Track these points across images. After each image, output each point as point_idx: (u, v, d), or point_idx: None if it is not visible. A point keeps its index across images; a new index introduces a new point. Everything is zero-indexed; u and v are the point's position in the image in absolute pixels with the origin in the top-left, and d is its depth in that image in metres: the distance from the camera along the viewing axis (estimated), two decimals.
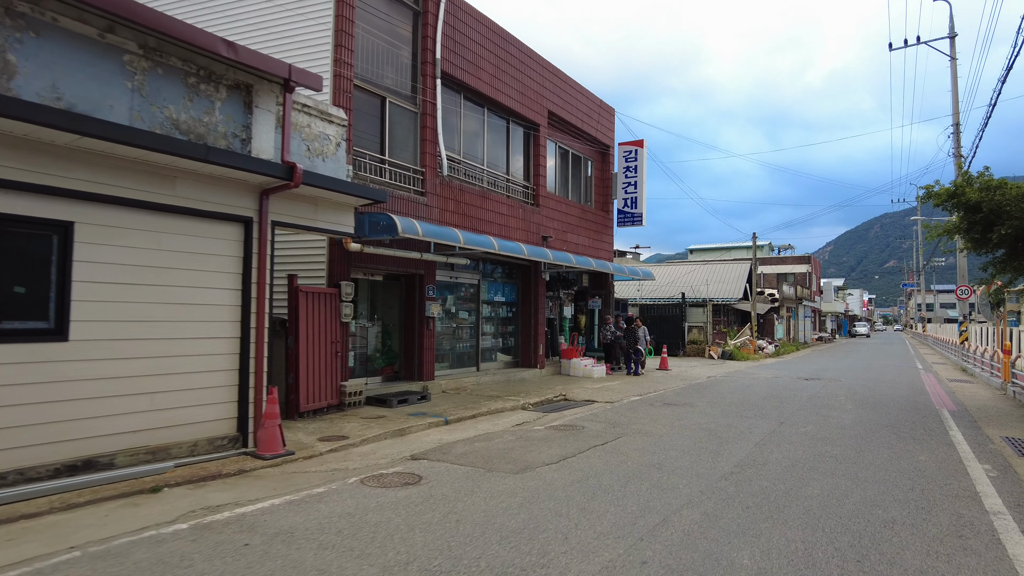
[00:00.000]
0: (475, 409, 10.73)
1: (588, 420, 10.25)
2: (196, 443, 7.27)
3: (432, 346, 12.53)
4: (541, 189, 16.28)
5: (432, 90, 12.56)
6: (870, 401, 13.08)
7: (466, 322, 14.46)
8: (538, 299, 16.18)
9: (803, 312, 50.25)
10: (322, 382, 9.95)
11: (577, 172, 18.92)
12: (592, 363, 16.86)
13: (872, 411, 11.60)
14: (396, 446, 8.23)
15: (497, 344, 15.66)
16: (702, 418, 10.49)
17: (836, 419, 10.55)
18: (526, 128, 16.21)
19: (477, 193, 13.93)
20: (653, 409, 11.53)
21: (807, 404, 12.41)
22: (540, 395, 12.70)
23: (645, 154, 19.57)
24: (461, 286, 14.36)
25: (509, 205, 15.04)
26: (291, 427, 8.97)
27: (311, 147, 8.89)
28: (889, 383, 17.14)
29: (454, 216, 13.08)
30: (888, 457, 7.68)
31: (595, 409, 11.55)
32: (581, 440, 8.56)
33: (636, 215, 19.63)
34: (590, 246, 18.64)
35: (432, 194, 12.54)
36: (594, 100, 19.01)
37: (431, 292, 12.50)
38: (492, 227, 14.26)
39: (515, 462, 7.24)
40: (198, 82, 7.40)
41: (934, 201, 11.75)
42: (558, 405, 12.14)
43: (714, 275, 38.14)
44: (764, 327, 40.08)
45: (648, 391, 14.27)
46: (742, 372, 20.30)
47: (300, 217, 8.54)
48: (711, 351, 26.66)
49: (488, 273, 15.33)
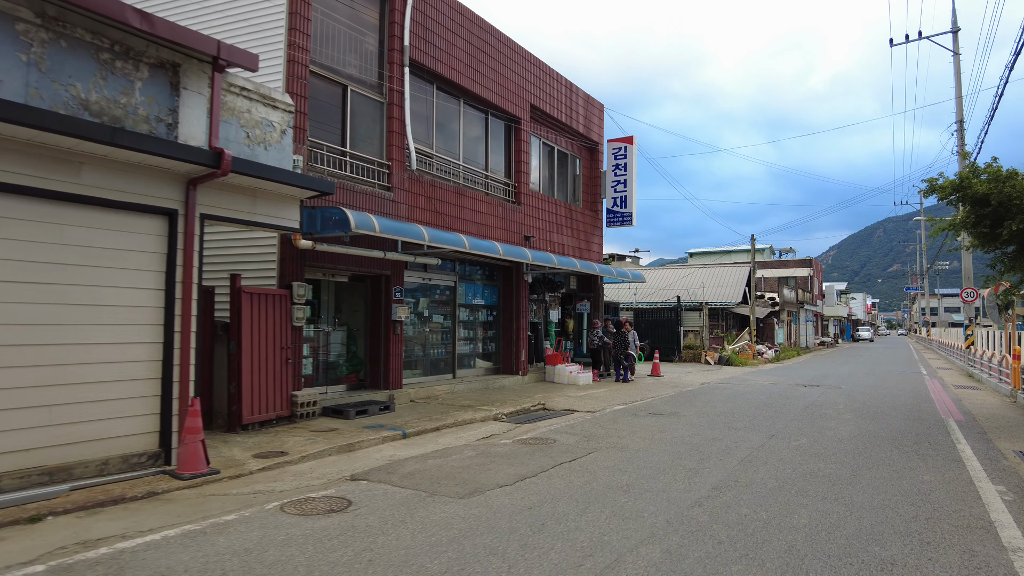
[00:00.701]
0: (441, 421, 9.89)
1: (562, 432, 9.41)
2: (107, 461, 6.45)
3: (399, 352, 11.70)
4: (523, 187, 15.47)
5: (400, 79, 11.78)
6: (871, 410, 12.20)
7: (441, 326, 13.63)
8: (520, 302, 15.35)
9: (804, 316, 49.31)
10: (270, 392, 9.13)
11: (563, 170, 18.11)
12: (578, 369, 16.01)
13: (872, 421, 10.72)
14: (339, 464, 7.40)
15: (476, 350, 14.82)
16: (686, 430, 9.63)
17: (832, 431, 9.68)
18: (507, 122, 15.42)
19: (451, 189, 13.12)
20: (636, 420, 10.68)
21: (802, 414, 11.54)
22: (517, 404, 11.86)
23: (635, 151, 18.76)
24: (435, 288, 13.54)
25: (488, 203, 14.23)
26: (229, 441, 8.15)
27: (252, 134, 8.09)
28: (891, 390, 16.25)
29: (424, 213, 12.27)
30: (888, 477, 6.81)
31: (573, 420, 10.70)
32: (548, 456, 7.71)
33: (626, 215, 18.80)
34: (577, 247, 17.82)
35: (399, 189, 11.74)
36: (581, 95, 18.22)
37: (398, 294, 11.68)
38: (468, 226, 13.44)
39: (465, 484, 6.40)
40: (112, 58, 6.61)
41: (938, 195, 10.90)
42: (534, 415, 11.29)
43: (712, 279, 37.27)
44: (764, 331, 39.16)
45: (634, 399, 13.42)
46: (738, 379, 19.42)
47: (235, 210, 7.73)
48: (707, 356, 25.78)
49: (466, 275, 14.51)
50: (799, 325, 46.83)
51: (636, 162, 18.79)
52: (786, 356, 33.94)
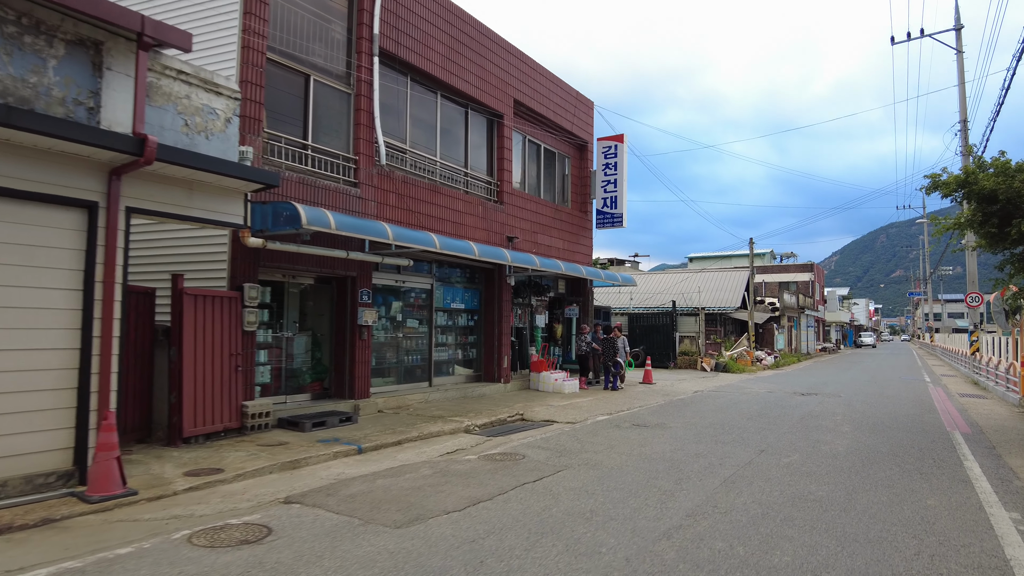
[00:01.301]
0: (405, 434, 9.16)
1: (535, 447, 8.68)
2: (5, 483, 5.74)
3: (366, 359, 10.98)
4: (506, 185, 14.77)
5: (368, 69, 11.10)
6: (870, 421, 11.43)
7: (416, 331, 12.91)
8: (502, 306, 14.63)
9: (806, 322, 48.49)
10: (217, 402, 8.41)
11: (551, 169, 17.42)
12: (564, 377, 15.27)
13: (872, 434, 9.97)
14: (277, 483, 6.67)
15: (455, 356, 14.09)
16: (669, 444, 8.89)
17: (828, 445, 8.93)
18: (489, 117, 14.75)
19: (426, 187, 12.43)
20: (618, 432, 9.94)
21: (797, 425, 10.78)
22: (493, 415, 11.13)
23: (626, 150, 18.07)
24: (410, 291, 12.83)
25: (467, 202, 13.54)
26: (164, 457, 7.43)
27: (191, 122, 7.42)
28: (893, 399, 15.48)
29: (395, 211, 11.58)
30: (888, 501, 6.06)
31: (550, 432, 9.97)
32: (511, 475, 6.98)
33: (616, 216, 18.09)
34: (565, 249, 17.10)
35: (367, 185, 11.04)
36: (569, 91, 17.55)
37: (365, 297, 10.97)
38: (445, 225, 12.75)
39: (408, 509, 5.67)
40: (20, 33, 5.95)
41: (942, 191, 10.16)
42: (510, 427, 10.56)
43: (709, 283, 36.53)
44: (763, 337, 38.36)
45: (620, 409, 12.67)
46: (733, 386, 18.66)
47: (169, 203, 7.04)
48: (703, 363, 25.00)
49: (444, 277, 13.80)
50: (800, 331, 46.00)
51: (627, 161, 18.11)
52: (786, 362, 33.13)
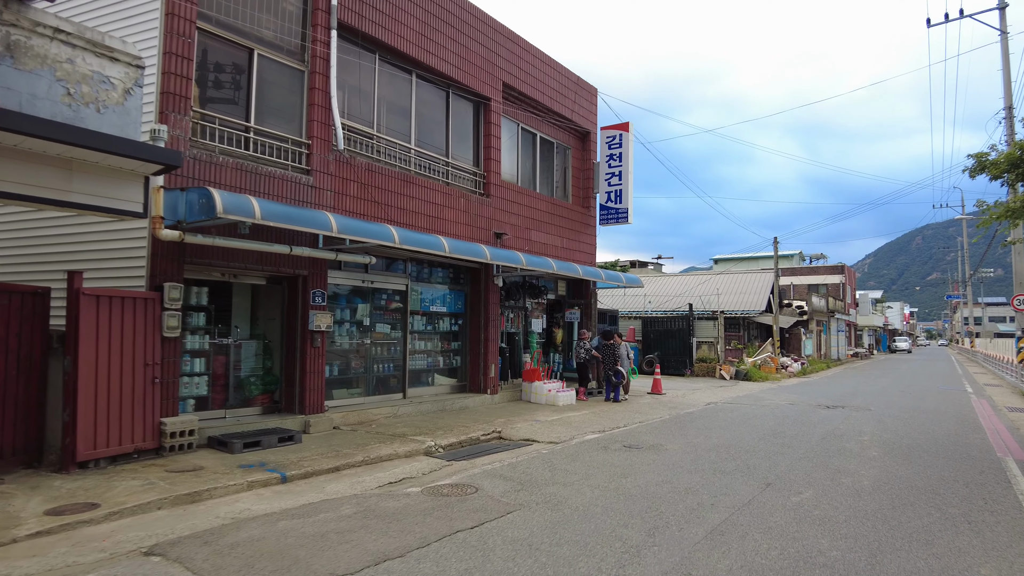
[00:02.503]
0: (349, 457, 7.89)
1: (496, 476, 7.33)
2: None
3: (319, 369, 9.75)
4: (493, 176, 13.46)
5: (325, 44, 9.90)
6: (904, 443, 9.82)
7: (388, 338, 11.65)
8: (488, 309, 13.30)
9: (836, 326, 46.18)
10: (126, 419, 7.24)
11: (548, 160, 16.06)
12: (559, 387, 13.87)
13: (905, 462, 8.39)
14: (158, 523, 5.44)
15: (435, 364, 12.80)
16: (658, 474, 7.46)
17: (851, 477, 7.40)
18: (474, 102, 13.46)
19: (397, 176, 11.18)
20: (603, 456, 8.54)
21: (816, 448, 9.24)
22: (466, 432, 9.80)
23: (631, 139, 16.62)
24: (380, 292, 11.58)
25: (447, 193, 12.26)
26: (42, 487, 6.26)
27: (76, 91, 6.26)
28: (931, 413, 13.74)
29: (357, 202, 10.35)
30: (926, 569, 4.57)
31: (524, 455, 8.61)
32: (448, 518, 5.65)
33: (621, 211, 16.64)
34: (563, 247, 15.72)
35: (322, 173, 9.83)
36: (569, 76, 16.17)
37: (319, 299, 9.74)
38: (418, 219, 11.48)
39: (286, 571, 4.38)
40: None
41: (990, 173, 8.57)
42: (481, 447, 9.23)
43: (730, 286, 34.70)
44: (790, 342, 36.36)
45: (616, 425, 11.24)
46: (752, 397, 17.04)
47: (37, 186, 5.88)
48: (722, 371, 23.32)
49: (422, 277, 12.52)
50: (830, 335, 43.77)
51: (633, 152, 16.64)
52: (814, 369, 31.16)
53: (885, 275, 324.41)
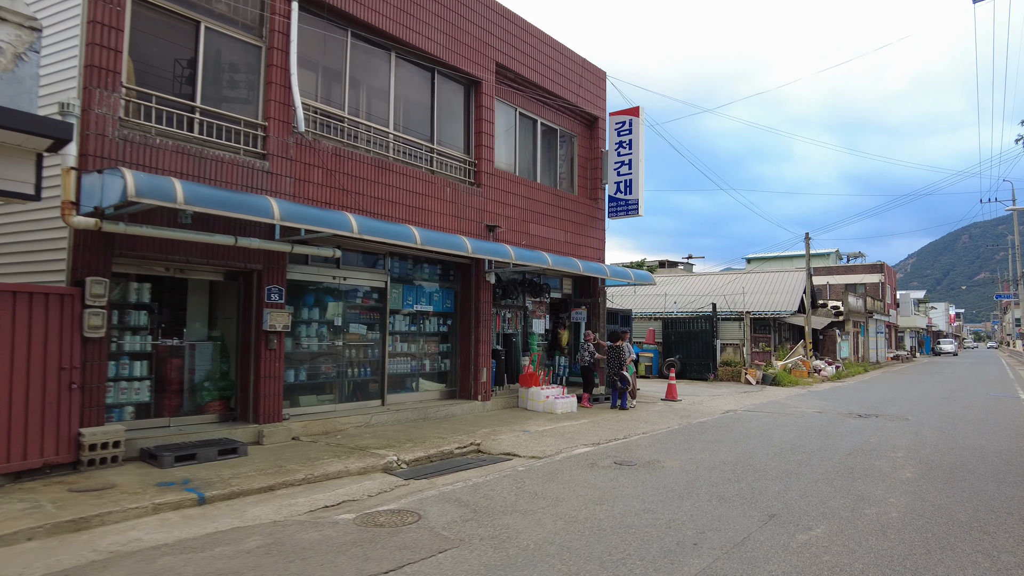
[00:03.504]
0: (291, 474, 6.93)
1: (451, 500, 6.29)
2: None
3: (277, 373, 8.83)
4: (485, 164, 12.42)
5: (285, 17, 9.01)
6: (945, 462, 8.45)
7: (364, 339, 10.70)
8: (480, 308, 12.25)
9: (875, 327, 43.87)
10: (33, 430, 6.41)
11: (550, 149, 14.95)
12: (559, 393, 12.74)
13: (945, 486, 7.06)
14: (14, 561, 4.54)
15: (420, 368, 11.80)
16: (643, 500, 6.31)
17: (876, 507, 6.14)
18: (464, 84, 12.45)
19: (370, 162, 10.22)
20: (586, 475, 7.42)
21: (839, 468, 7.95)
22: (440, 445, 8.78)
23: (642, 125, 15.41)
24: (354, 290, 10.63)
25: (430, 182, 11.26)
26: None
27: None
28: (978, 424, 12.21)
29: (322, 190, 9.42)
30: None
31: (496, 473, 7.54)
32: (365, 557, 4.62)
33: (631, 203, 15.43)
34: (568, 242, 14.59)
35: (280, 157, 8.93)
36: (573, 58, 15.05)
37: (275, 296, 8.83)
38: (397, 209, 10.51)
39: None
40: None
41: None
42: (453, 463, 8.19)
43: (761, 285, 32.98)
44: (824, 344, 34.48)
45: (615, 436, 10.08)
46: (777, 404, 15.64)
47: None
48: (748, 375, 21.84)
49: (405, 274, 11.54)
50: (867, 337, 41.55)
51: (644, 139, 15.43)
52: (849, 373, 29.32)
53: (929, 275, 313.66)
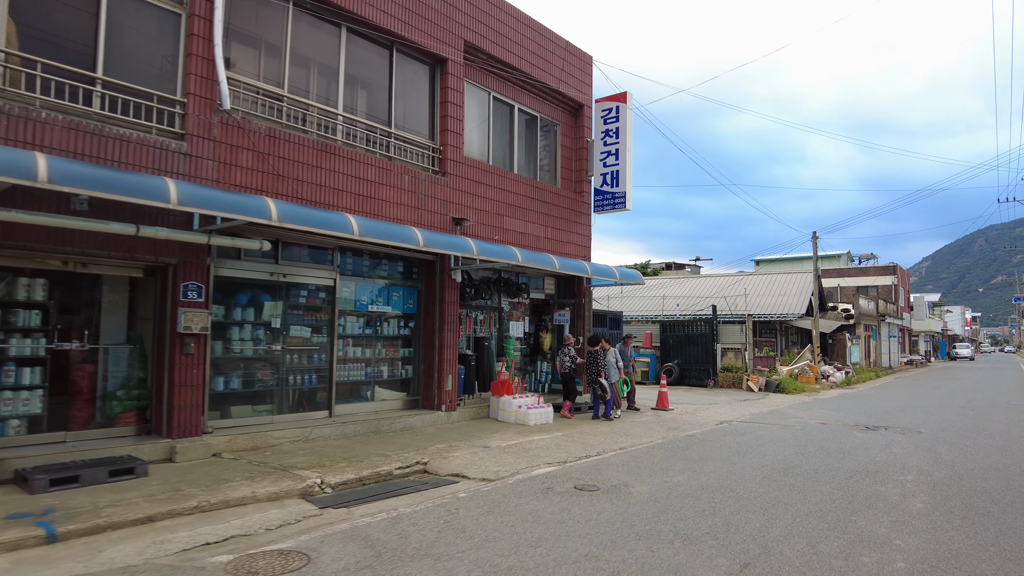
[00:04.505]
0: (183, 501, 5.87)
1: (361, 536, 5.20)
2: None
3: (194, 381, 7.78)
4: (451, 151, 11.34)
5: None
6: (964, 487, 7.25)
7: (308, 343, 9.64)
8: (443, 309, 11.16)
9: (887, 331, 42.36)
10: None
11: (529, 137, 13.86)
12: (534, 402, 11.62)
13: (965, 520, 5.88)
14: None
15: (377, 375, 10.72)
16: (590, 540, 5.18)
17: (878, 552, 4.98)
18: (428, 64, 11.39)
19: (313, 146, 9.18)
20: (535, 503, 6.30)
21: (838, 496, 6.78)
22: (380, 464, 7.69)
23: (630, 112, 14.28)
24: (299, 288, 9.58)
25: (386, 170, 10.21)
26: None
27: None
28: (1000, 437, 10.96)
29: (253, 175, 8.38)
30: None
31: (431, 501, 6.44)
32: None
33: (618, 196, 14.30)
34: (548, 238, 13.48)
35: (201, 138, 7.90)
36: (555, 40, 13.96)
37: (193, 293, 7.79)
38: (343, 198, 9.46)
39: None
40: None
41: None
42: (387, 486, 7.09)
43: (768, 287, 31.71)
44: (834, 349, 33.10)
45: (586, 454, 8.95)
46: (778, 414, 14.43)
47: None
48: (750, 381, 20.59)
49: (357, 270, 10.47)
50: (880, 341, 40.06)
51: (632, 126, 14.31)
52: (860, 379, 27.96)
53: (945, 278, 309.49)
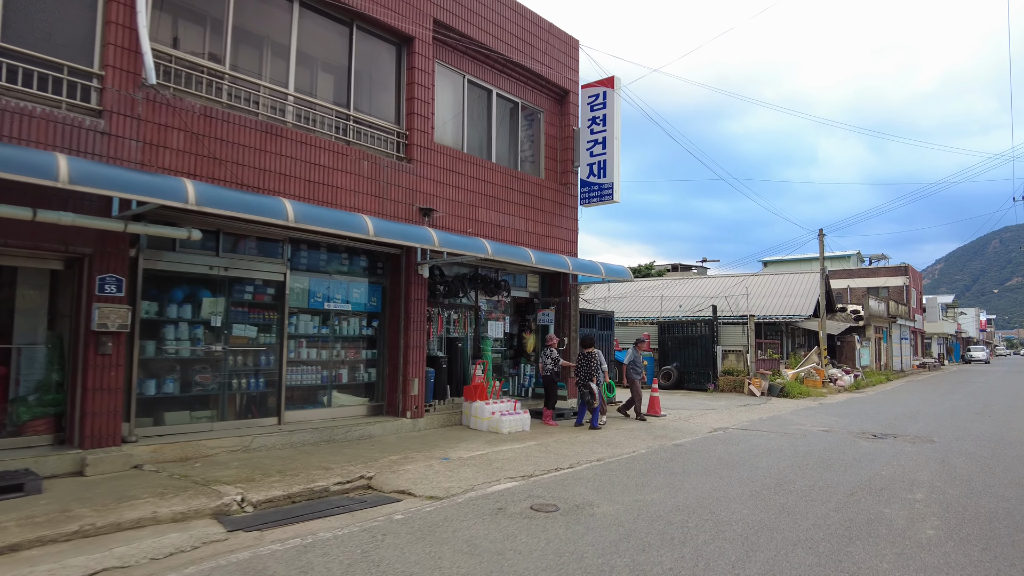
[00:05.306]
0: (64, 525, 5.04)
1: (259, 570, 4.35)
2: None
3: (113, 384, 6.97)
4: (419, 136, 10.51)
5: None
6: (983, 509, 6.30)
7: (255, 343, 8.81)
8: (408, 307, 10.31)
9: (899, 333, 41.12)
10: None
11: (510, 124, 13.01)
12: (509, 408, 10.73)
13: (985, 555, 4.95)
14: None
15: (335, 379, 9.89)
16: None
17: None
18: (393, 43, 10.57)
19: (258, 128, 8.37)
20: (478, 529, 5.43)
21: (833, 519, 5.85)
22: (319, 478, 6.84)
23: (618, 98, 13.41)
24: (243, 283, 8.76)
25: (342, 155, 9.39)
26: None
27: None
28: (1021, 446, 9.96)
29: (187, 159, 7.58)
30: None
31: (360, 524, 5.59)
32: None
33: (605, 187, 13.41)
34: (529, 231, 12.61)
35: (123, 115, 7.10)
36: (538, 22, 13.11)
37: (110, 288, 6.99)
38: (292, 184, 8.65)
39: None
40: None
41: None
42: (317, 505, 6.24)
43: (774, 287, 30.66)
44: (843, 351, 32.01)
45: (556, 467, 8.05)
46: (778, 420, 13.48)
47: None
48: (752, 385, 19.61)
49: (313, 264, 9.64)
50: (891, 344, 38.85)
51: (620, 113, 13.44)
52: (870, 382, 26.85)
53: (959, 281, 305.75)
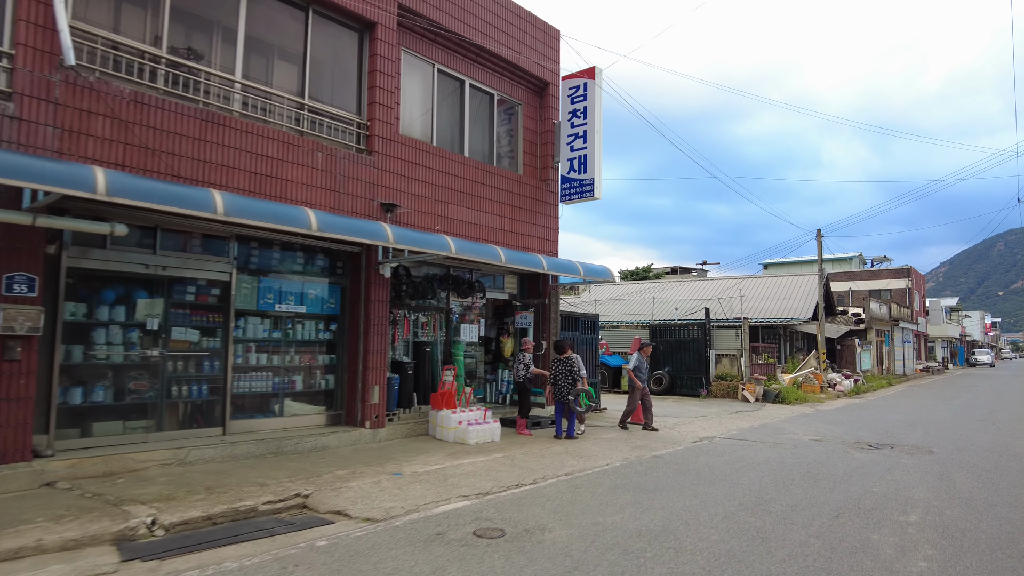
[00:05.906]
0: None
1: None
2: None
3: (23, 394, 6.31)
4: (381, 127, 9.90)
5: None
6: (985, 533, 5.63)
7: (197, 348, 8.19)
8: (368, 310, 9.68)
9: (901, 336, 40.35)
10: None
11: (484, 117, 12.38)
12: (478, 417, 10.08)
13: None
14: None
15: (288, 386, 9.25)
16: None
17: None
18: (354, 28, 9.97)
19: (198, 116, 7.76)
20: (404, 561, 4.79)
21: (813, 547, 5.19)
22: (248, 497, 6.21)
23: (599, 90, 12.78)
24: (184, 283, 8.14)
25: (294, 146, 8.77)
26: None
27: None
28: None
29: (114, 148, 6.97)
30: None
31: (275, 552, 4.96)
32: None
33: (585, 183, 12.78)
34: (506, 230, 11.98)
35: (36, 99, 6.50)
36: (515, 10, 12.50)
37: (18, 287, 6.36)
38: (235, 177, 8.03)
39: None
40: None
41: None
42: (237, 528, 5.60)
43: (771, 290, 29.97)
44: (843, 355, 31.27)
45: (518, 483, 7.40)
46: (770, 429, 12.81)
47: None
48: (746, 391, 18.91)
49: (263, 264, 9.02)
50: (893, 347, 38.08)
51: (601, 106, 12.81)
52: (870, 387, 26.12)
53: (963, 284, 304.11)
